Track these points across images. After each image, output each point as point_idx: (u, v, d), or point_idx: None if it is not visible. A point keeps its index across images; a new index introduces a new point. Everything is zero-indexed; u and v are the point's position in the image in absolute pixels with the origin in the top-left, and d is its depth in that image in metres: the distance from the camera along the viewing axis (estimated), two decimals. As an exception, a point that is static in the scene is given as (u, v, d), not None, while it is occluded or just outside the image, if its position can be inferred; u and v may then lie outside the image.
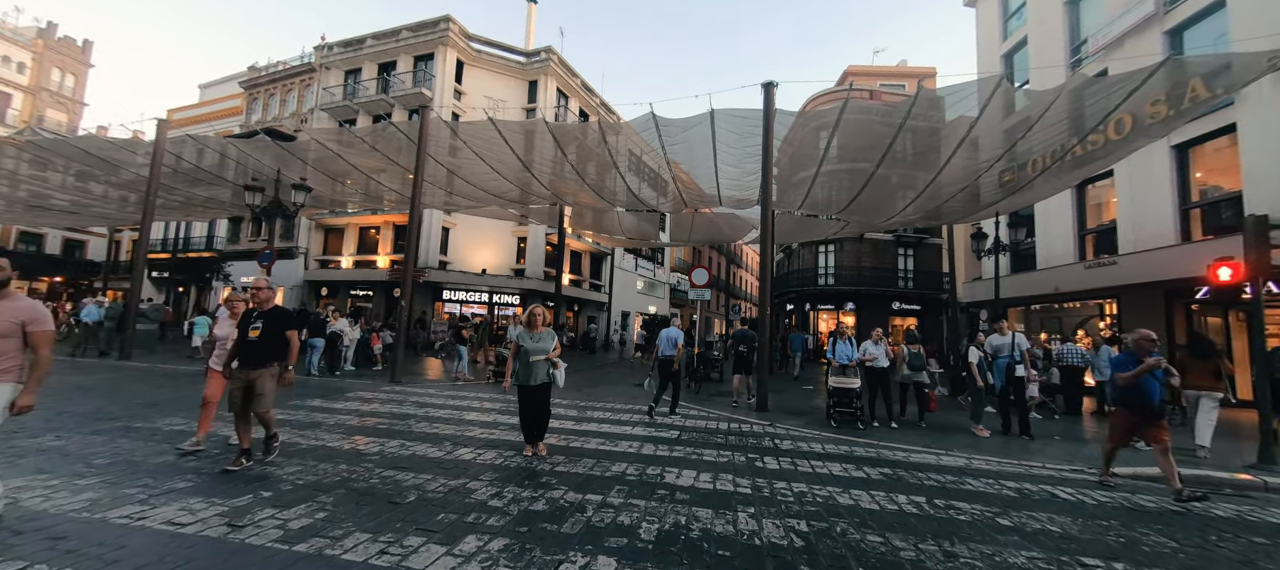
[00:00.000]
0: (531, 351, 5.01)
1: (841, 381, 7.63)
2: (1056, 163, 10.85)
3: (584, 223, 21.91)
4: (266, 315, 4.29)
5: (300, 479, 3.97)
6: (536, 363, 4.99)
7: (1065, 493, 4.77)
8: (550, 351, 5.08)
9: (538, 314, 5.19)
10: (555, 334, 5.28)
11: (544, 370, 5.04)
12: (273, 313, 4.34)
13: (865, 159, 11.90)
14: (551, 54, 25.18)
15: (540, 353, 5.02)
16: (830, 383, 7.76)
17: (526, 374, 5.00)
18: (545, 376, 5.06)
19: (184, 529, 2.94)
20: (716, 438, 6.47)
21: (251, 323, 4.23)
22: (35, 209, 21.10)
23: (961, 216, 15.34)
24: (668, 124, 10.83)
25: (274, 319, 4.30)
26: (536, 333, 5.11)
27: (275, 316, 4.32)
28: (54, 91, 40.57)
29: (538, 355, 5.01)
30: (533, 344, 5.04)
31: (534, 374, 4.99)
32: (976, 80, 9.75)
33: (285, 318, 4.43)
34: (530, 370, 4.98)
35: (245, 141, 13.95)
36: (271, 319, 4.28)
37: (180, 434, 5.21)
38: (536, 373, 5.01)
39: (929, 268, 26.79)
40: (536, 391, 5.07)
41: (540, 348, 5.04)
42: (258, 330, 4.20)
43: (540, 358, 5.01)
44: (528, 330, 5.13)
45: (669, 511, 3.68)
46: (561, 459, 5.00)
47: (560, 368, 5.15)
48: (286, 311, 4.63)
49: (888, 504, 4.11)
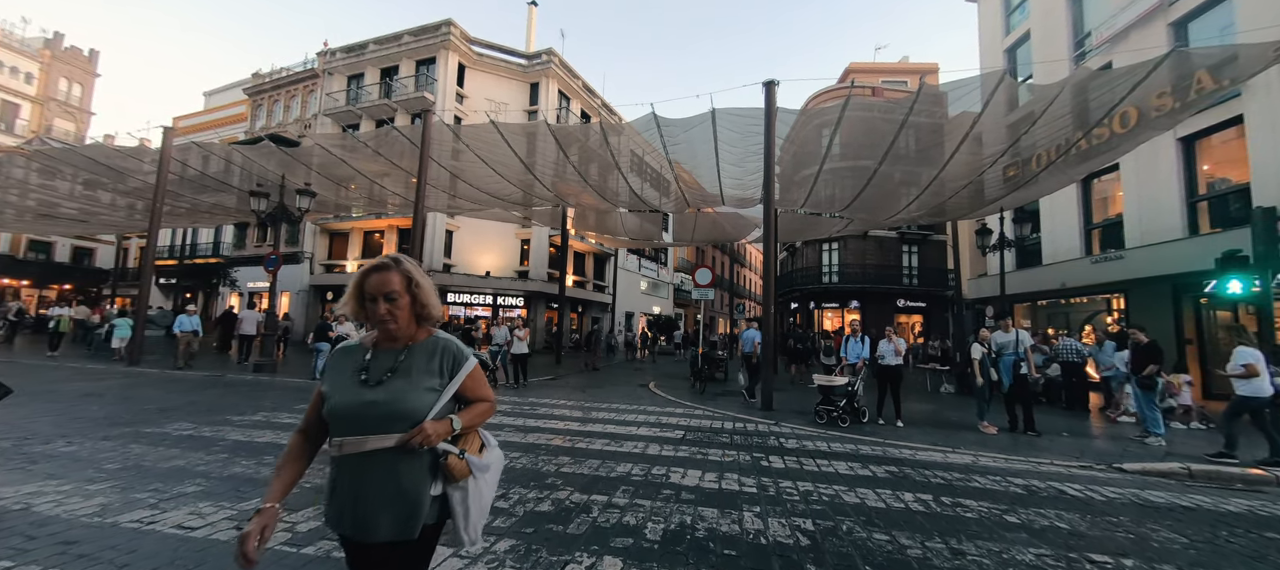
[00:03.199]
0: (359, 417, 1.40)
1: (826, 379, 7.68)
2: (1062, 157, 10.79)
3: (587, 224, 21.94)
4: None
5: (307, 482, 3.99)
6: (374, 466, 1.38)
7: (1073, 489, 4.74)
8: (444, 432, 1.42)
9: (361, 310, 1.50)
10: (469, 355, 1.55)
11: (415, 483, 1.40)
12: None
13: (868, 156, 11.86)
14: (553, 56, 25.23)
15: (395, 420, 1.38)
16: (816, 380, 7.89)
17: (347, 493, 1.39)
18: (412, 508, 1.39)
19: (193, 533, 2.97)
20: (722, 437, 6.47)
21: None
22: (45, 218, 21.37)
23: (966, 213, 15.27)
24: (669, 124, 10.83)
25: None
26: (385, 349, 1.51)
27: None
28: (62, 101, 40.96)
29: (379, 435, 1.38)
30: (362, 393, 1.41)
31: (362, 498, 1.36)
32: (980, 75, 9.71)
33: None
34: (358, 480, 1.37)
35: (250, 148, 14.03)
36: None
37: (189, 439, 5.25)
38: (374, 493, 1.37)
39: (934, 265, 26.67)
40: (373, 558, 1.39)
41: (393, 408, 1.39)
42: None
43: (386, 445, 1.37)
44: (363, 349, 1.52)
45: (674, 511, 3.68)
46: (567, 460, 5.01)
47: (473, 475, 1.46)
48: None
49: (894, 502, 4.10)
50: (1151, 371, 6.99)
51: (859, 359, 8.15)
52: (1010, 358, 7.45)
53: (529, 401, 8.84)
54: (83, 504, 3.35)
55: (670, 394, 10.49)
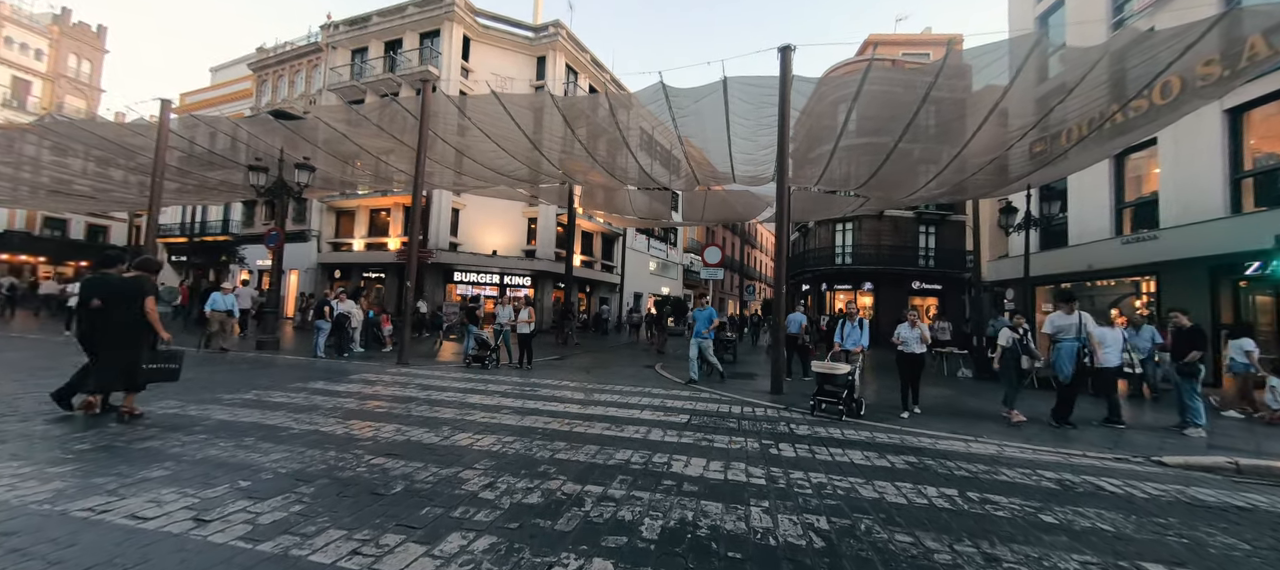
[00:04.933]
0: None
1: (826, 367, 6.85)
2: (1094, 131, 10.11)
3: (595, 202, 21.51)
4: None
5: (284, 466, 3.74)
6: None
7: (1111, 484, 4.36)
8: None
9: None
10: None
11: None
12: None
13: (886, 132, 11.28)
14: (560, 28, 24.52)
15: None
16: (814, 367, 7.07)
17: None
18: None
19: (145, 524, 2.71)
20: (728, 422, 6.15)
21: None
22: (58, 195, 21.55)
23: (988, 191, 14.59)
24: (678, 94, 10.32)
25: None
26: None
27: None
28: (72, 78, 41.00)
29: None
30: None
31: None
32: (1009, 39, 9.02)
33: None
34: None
35: (255, 124, 13.79)
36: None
37: (172, 418, 5.05)
38: None
39: (952, 246, 25.90)
40: None
41: None
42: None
43: None
44: None
45: (675, 506, 3.37)
46: (562, 445, 4.72)
47: None
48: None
49: (916, 498, 3.75)
50: (1194, 358, 6.51)
51: (857, 345, 7.36)
52: (1070, 344, 6.58)
53: (531, 383, 8.59)
54: (37, 489, 3.11)
55: (677, 377, 10.19)
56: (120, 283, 4.92)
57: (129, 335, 4.79)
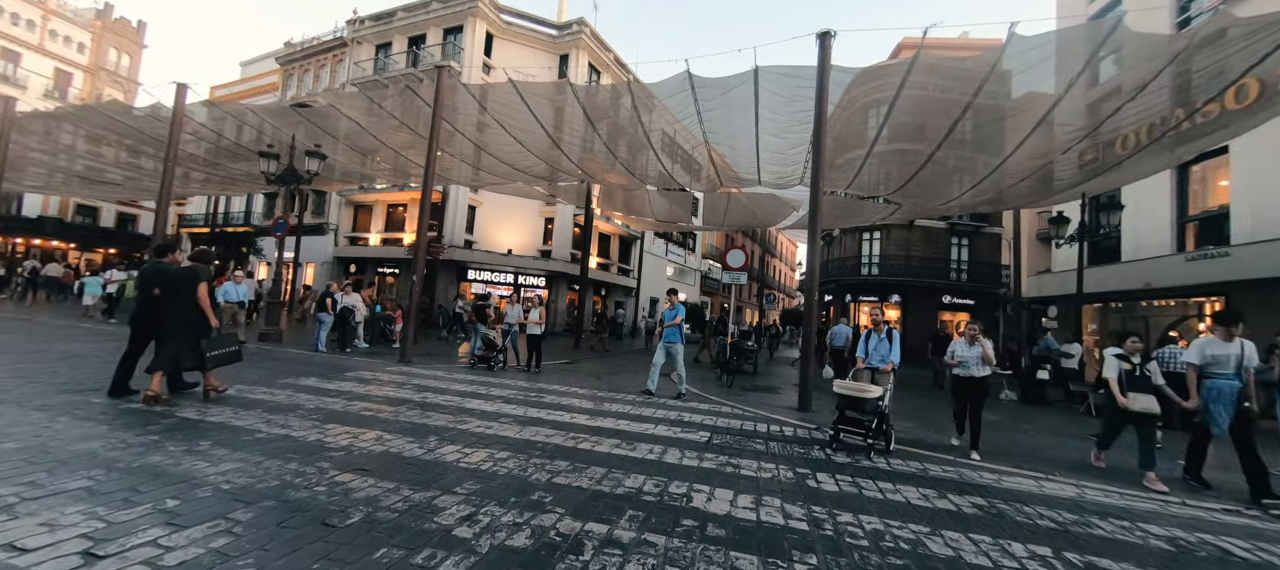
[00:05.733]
0: None
1: (852, 389, 5.36)
2: (1154, 141, 9.12)
3: (613, 203, 20.94)
4: None
5: (229, 481, 3.14)
6: None
7: (1237, 546, 3.51)
8: None
9: None
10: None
11: None
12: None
13: (920, 139, 10.53)
14: (584, 26, 24.11)
15: None
16: (836, 388, 5.50)
17: None
18: None
19: (16, 558, 2.11)
20: (755, 443, 5.41)
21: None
22: (91, 183, 22.11)
23: (1028, 201, 13.59)
24: (705, 84, 9.65)
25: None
26: None
27: None
28: (111, 70, 42.18)
29: None
30: None
31: None
32: (1055, 31, 8.10)
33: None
34: None
35: (273, 114, 13.68)
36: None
37: (130, 414, 4.52)
38: None
39: (986, 259, 24.65)
40: None
41: None
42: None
43: None
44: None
45: (697, 558, 2.67)
46: (564, 465, 4.05)
47: None
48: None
49: (1002, 558, 2.98)
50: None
51: (887, 362, 5.96)
52: (1229, 384, 4.89)
53: (537, 388, 7.95)
54: (-79, 500, 2.56)
55: (693, 387, 9.46)
56: (177, 272, 5.19)
57: (187, 321, 5.09)
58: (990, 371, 5.76)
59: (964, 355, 5.81)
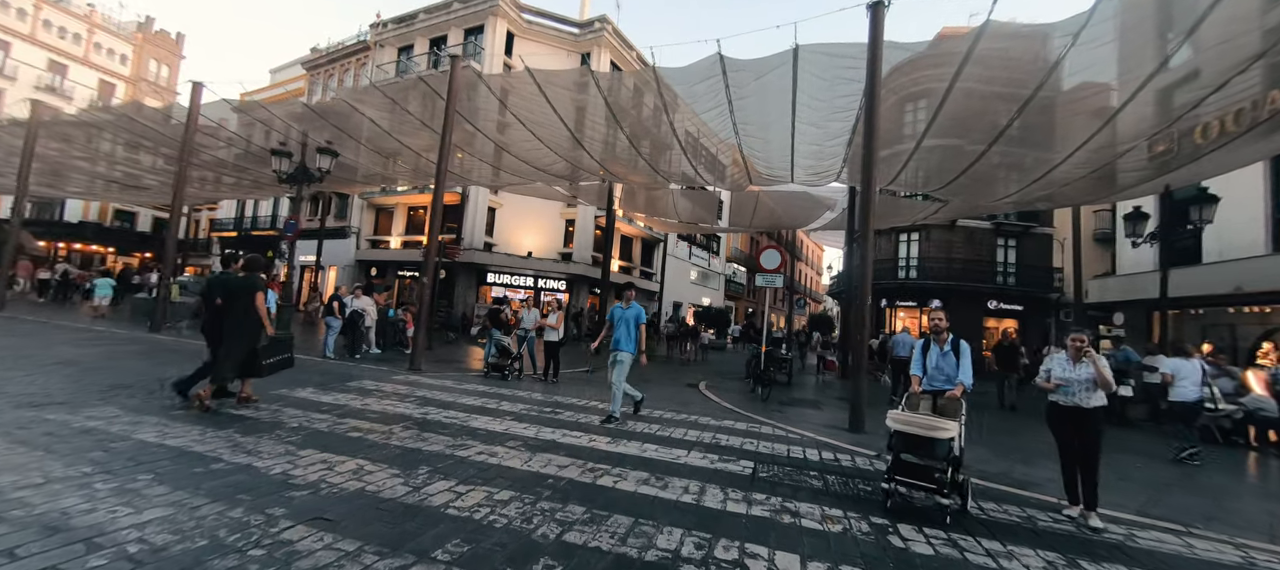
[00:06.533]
0: None
1: (916, 425, 3.83)
2: (1246, 131, 7.82)
3: (636, 204, 20.20)
4: None
5: (144, 539, 2.41)
6: None
7: None
8: None
9: None
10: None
11: None
12: None
13: (962, 134, 9.53)
14: (606, 24, 23.52)
15: None
16: (890, 423, 3.93)
17: None
18: None
19: None
20: (809, 476, 4.49)
21: None
22: (129, 188, 22.74)
23: (1088, 197, 12.23)
24: (737, 67, 8.79)
25: None
26: None
27: None
28: (151, 81, 43.61)
29: None
30: None
31: None
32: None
33: None
34: None
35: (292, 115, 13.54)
36: None
37: (85, 434, 3.89)
38: None
39: (1035, 262, 22.97)
40: None
41: None
42: None
43: None
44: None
45: (771, 689, 1.79)
46: (578, 512, 3.22)
47: None
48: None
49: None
50: None
51: (954, 385, 4.37)
52: None
53: (552, 401, 7.17)
54: None
55: (725, 400, 8.56)
56: (237, 281, 5.34)
57: (246, 328, 5.21)
58: (1105, 401, 4.02)
59: (1066, 375, 4.04)
